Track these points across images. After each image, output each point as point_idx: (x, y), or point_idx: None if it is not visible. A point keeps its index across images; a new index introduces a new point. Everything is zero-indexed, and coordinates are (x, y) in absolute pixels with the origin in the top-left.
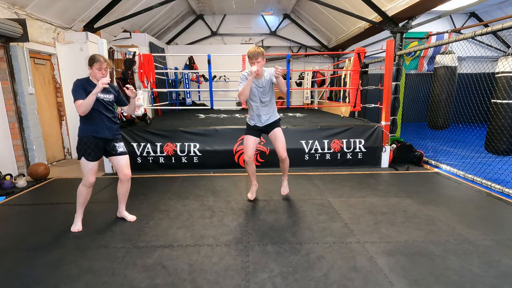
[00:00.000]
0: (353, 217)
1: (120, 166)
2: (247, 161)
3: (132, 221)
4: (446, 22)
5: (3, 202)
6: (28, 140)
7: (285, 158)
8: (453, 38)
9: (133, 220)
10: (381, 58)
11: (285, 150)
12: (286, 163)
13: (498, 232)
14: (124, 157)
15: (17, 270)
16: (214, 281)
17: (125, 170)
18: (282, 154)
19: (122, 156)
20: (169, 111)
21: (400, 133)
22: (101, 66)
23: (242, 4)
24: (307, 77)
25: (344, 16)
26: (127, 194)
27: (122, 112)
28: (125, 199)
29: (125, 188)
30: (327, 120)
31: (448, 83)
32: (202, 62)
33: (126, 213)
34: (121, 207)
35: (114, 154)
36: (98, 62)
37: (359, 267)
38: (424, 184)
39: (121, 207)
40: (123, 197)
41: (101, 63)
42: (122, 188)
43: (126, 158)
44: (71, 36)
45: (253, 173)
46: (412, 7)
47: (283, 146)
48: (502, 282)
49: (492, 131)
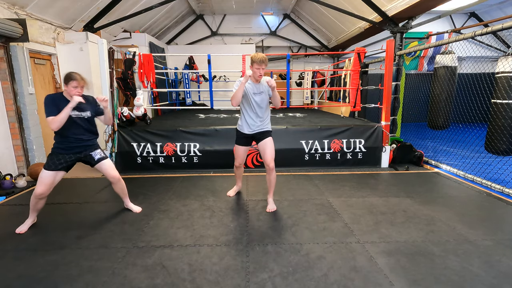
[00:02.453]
0: (353, 217)
1: (104, 171)
2: (237, 166)
3: (138, 212)
4: (446, 22)
5: (3, 202)
6: (28, 140)
7: (272, 168)
8: (453, 38)
9: (138, 211)
10: (381, 58)
11: (273, 160)
12: (273, 176)
13: (498, 232)
14: (105, 162)
15: (17, 270)
16: (214, 281)
17: (110, 173)
18: (269, 163)
19: (102, 162)
20: (169, 111)
21: (400, 133)
22: (77, 85)
23: (242, 4)
24: (307, 77)
25: (344, 16)
26: (124, 190)
27: (122, 112)
28: (124, 194)
29: (119, 187)
30: (327, 120)
31: (448, 83)
32: (202, 62)
33: (132, 205)
34: (125, 201)
35: (94, 163)
36: (74, 80)
37: (359, 267)
38: (424, 184)
39: (125, 201)
40: (121, 193)
41: (78, 82)
42: (116, 188)
43: (107, 162)
44: (71, 36)
45: (240, 176)
46: (412, 7)
47: (271, 155)
48: (502, 282)
49: (492, 131)
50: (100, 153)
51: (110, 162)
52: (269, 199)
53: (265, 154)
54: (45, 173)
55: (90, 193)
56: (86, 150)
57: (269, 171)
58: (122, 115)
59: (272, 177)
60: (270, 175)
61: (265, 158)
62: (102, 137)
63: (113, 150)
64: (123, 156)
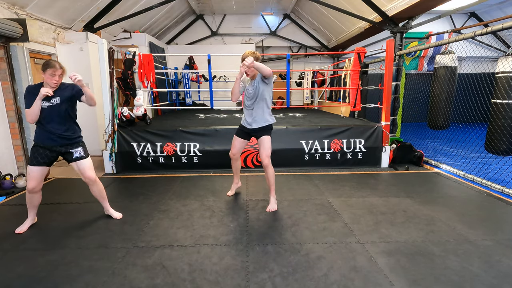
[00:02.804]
0: (353, 217)
1: (80, 170)
2: (231, 157)
3: (119, 218)
4: (446, 22)
5: (3, 202)
6: (28, 140)
7: (266, 165)
8: (453, 38)
9: (119, 217)
10: (381, 58)
11: (268, 157)
12: (269, 173)
13: (498, 232)
14: (82, 162)
15: (17, 270)
16: (214, 281)
17: (86, 173)
18: (263, 160)
19: (80, 161)
20: (169, 111)
21: (400, 133)
22: (54, 73)
23: (242, 4)
24: (307, 77)
25: (344, 16)
26: (102, 193)
27: (122, 112)
28: (102, 198)
29: (96, 189)
30: (327, 120)
31: (448, 83)
32: (202, 62)
33: (112, 210)
34: (104, 205)
35: (71, 161)
36: (51, 68)
37: (359, 267)
38: (424, 184)
39: (104, 205)
40: (99, 197)
41: (55, 70)
42: (93, 190)
43: (84, 162)
44: (71, 36)
45: (237, 171)
46: (412, 7)
47: (266, 153)
48: (502, 282)
49: (492, 131)
50: (80, 152)
51: (88, 162)
52: (270, 198)
53: (260, 151)
54: (30, 168)
55: (90, 193)
56: (67, 146)
57: (264, 168)
58: (122, 115)
59: (269, 175)
60: (266, 172)
61: (260, 155)
62: (102, 137)
63: (113, 150)
64: (123, 156)
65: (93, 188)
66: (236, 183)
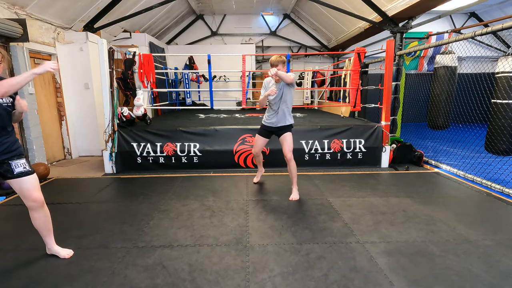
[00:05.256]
0: (353, 217)
1: (25, 191)
2: (254, 154)
3: (68, 257)
4: (446, 22)
5: (3, 202)
6: (28, 140)
7: (290, 159)
8: (453, 38)
9: (68, 256)
10: (381, 58)
11: (290, 152)
12: (291, 166)
13: (498, 232)
14: (28, 179)
15: (17, 270)
16: (214, 281)
17: (33, 194)
18: (286, 154)
19: (23, 178)
20: (169, 111)
21: (400, 133)
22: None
23: (242, 4)
24: (307, 77)
25: (344, 16)
26: (48, 223)
27: (122, 112)
28: (47, 230)
29: (42, 216)
30: (327, 120)
31: (448, 83)
32: (202, 62)
33: (57, 248)
34: (47, 242)
35: (10, 177)
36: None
37: (359, 267)
38: (424, 184)
39: (47, 242)
40: (43, 227)
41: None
42: (37, 219)
43: (30, 179)
44: (71, 36)
45: (260, 162)
46: (412, 7)
47: (289, 148)
48: (502, 282)
49: (492, 131)
50: (23, 165)
51: (34, 179)
52: (293, 189)
53: (283, 147)
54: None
55: (90, 193)
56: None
57: (288, 162)
58: (122, 115)
59: (292, 168)
60: (289, 165)
61: (283, 150)
62: (102, 137)
63: (113, 150)
64: (123, 156)
65: (39, 214)
66: (260, 171)
